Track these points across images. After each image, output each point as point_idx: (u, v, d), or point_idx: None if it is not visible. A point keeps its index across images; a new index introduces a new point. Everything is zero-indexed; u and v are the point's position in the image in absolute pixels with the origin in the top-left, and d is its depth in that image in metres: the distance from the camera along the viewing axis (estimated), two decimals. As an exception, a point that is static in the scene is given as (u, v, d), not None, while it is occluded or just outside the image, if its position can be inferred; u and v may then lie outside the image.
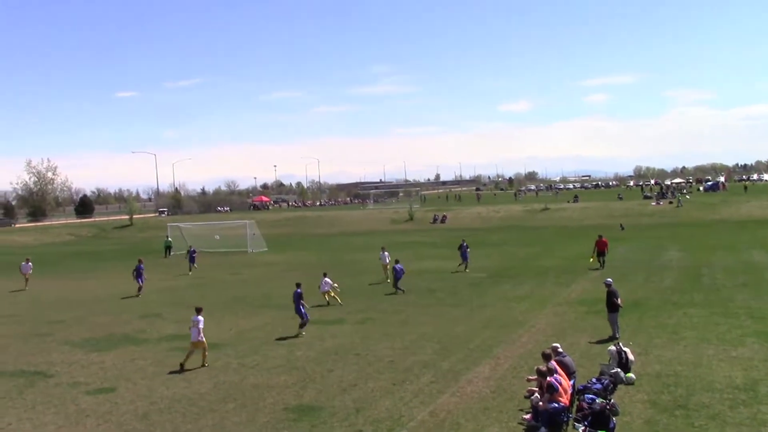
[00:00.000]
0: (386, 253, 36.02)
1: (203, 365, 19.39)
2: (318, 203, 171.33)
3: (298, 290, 23.60)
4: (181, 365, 19.20)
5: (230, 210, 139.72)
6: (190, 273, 42.66)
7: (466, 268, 37.79)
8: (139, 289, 33.94)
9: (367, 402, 15.54)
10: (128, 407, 16.03)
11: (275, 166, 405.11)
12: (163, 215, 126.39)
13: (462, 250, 38.43)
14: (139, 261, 35.03)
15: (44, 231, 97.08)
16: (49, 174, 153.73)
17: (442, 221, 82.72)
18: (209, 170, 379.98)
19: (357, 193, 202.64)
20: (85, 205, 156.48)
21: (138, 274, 34.03)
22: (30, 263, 39.68)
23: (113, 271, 47.11)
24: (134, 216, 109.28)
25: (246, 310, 28.50)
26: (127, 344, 23.05)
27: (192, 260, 44.21)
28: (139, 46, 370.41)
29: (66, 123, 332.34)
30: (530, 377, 14.93)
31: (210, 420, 14.84)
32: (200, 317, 19.72)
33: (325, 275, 29.38)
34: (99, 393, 17.34)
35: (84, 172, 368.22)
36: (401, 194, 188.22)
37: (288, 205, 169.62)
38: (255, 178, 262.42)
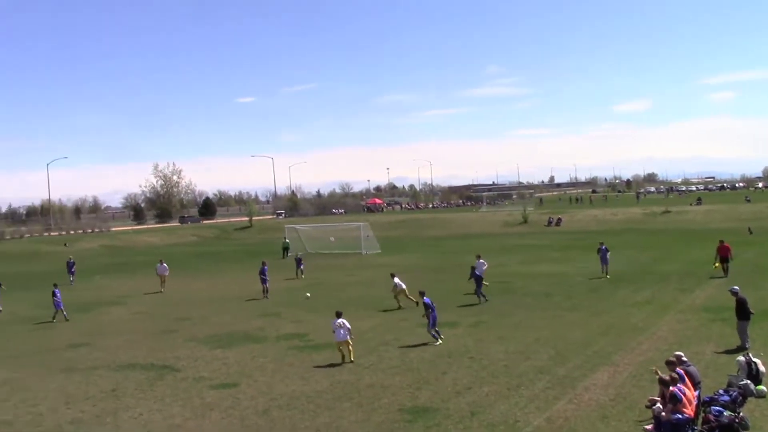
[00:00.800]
0: (482, 261, 33.47)
1: (350, 361, 20.02)
2: (430, 205, 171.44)
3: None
4: (343, 358, 20.14)
5: (344, 212, 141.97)
6: (301, 277, 42.90)
7: (606, 273, 35.88)
8: (265, 291, 34.79)
9: (482, 406, 15.47)
10: (249, 402, 16.65)
11: (388, 168, 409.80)
12: (281, 217, 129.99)
13: (601, 253, 36.87)
14: (263, 263, 35.91)
15: (170, 232, 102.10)
16: (175, 177, 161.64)
17: (557, 224, 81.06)
18: (324, 173, 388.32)
19: (469, 195, 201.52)
20: (207, 207, 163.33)
21: (263, 275, 34.91)
22: (165, 265, 40.62)
23: (234, 271, 49.01)
24: (253, 218, 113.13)
25: (360, 311, 28.96)
26: (248, 342, 23.92)
27: (299, 265, 44.17)
28: (258, 53, 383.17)
29: (190, 129, 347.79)
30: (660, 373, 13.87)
31: (327, 417, 15.19)
32: (342, 320, 20.17)
33: (393, 276, 30.01)
34: (222, 388, 18.10)
35: (206, 175, 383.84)
36: (515, 196, 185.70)
37: (401, 207, 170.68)
38: (368, 180, 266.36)
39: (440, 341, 22.00)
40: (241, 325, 27.31)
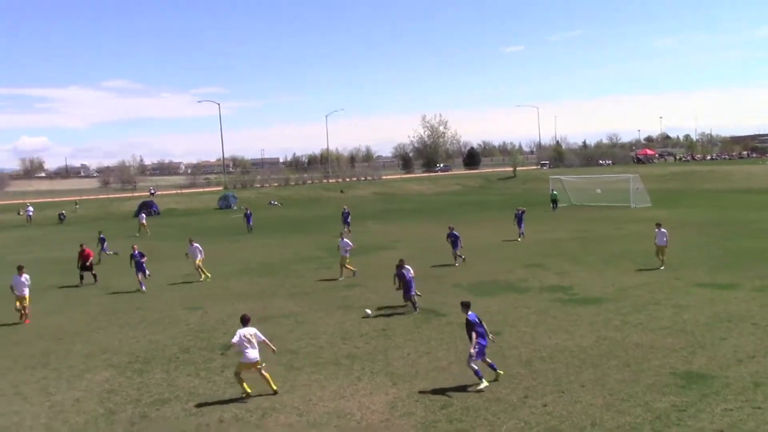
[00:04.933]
0: (663, 230, 27.30)
1: None
2: (708, 157, 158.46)
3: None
4: None
5: (612, 163, 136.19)
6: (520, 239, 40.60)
7: None
8: (520, 234, 36.81)
9: (768, 377, 14.05)
10: (512, 352, 16.69)
11: (660, 117, 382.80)
12: (545, 168, 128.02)
13: None
14: (519, 210, 37.49)
15: (435, 181, 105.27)
16: (441, 128, 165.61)
17: None
18: (590, 123, 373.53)
19: (755, 146, 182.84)
20: (472, 157, 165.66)
21: (519, 220, 37.39)
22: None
23: (497, 221, 49.31)
24: (517, 168, 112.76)
25: (627, 266, 27.68)
26: (510, 292, 23.98)
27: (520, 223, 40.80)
28: (524, 0, 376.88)
29: (456, 80, 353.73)
30: None
31: (591, 374, 14.76)
32: None
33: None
34: (485, 335, 18.34)
35: (471, 126, 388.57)
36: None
37: (675, 158, 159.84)
38: (638, 130, 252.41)
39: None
40: (504, 274, 27.44)
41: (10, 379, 16.35)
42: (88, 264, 29.76)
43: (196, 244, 29.72)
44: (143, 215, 59.47)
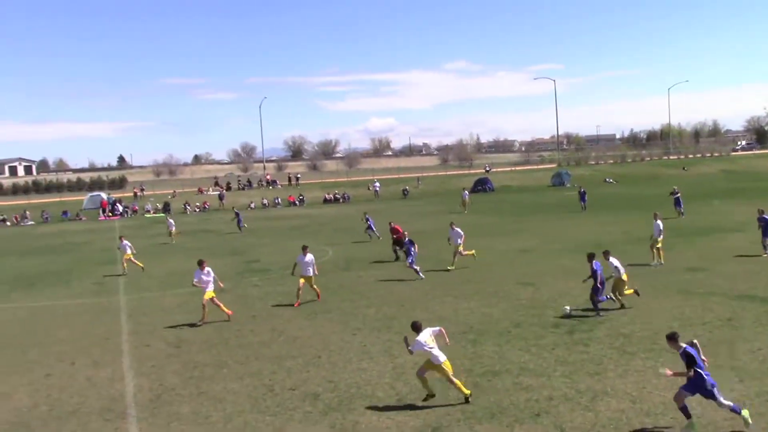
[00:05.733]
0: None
1: None
2: None
3: None
4: None
5: None
6: None
7: None
8: None
9: None
10: None
11: None
12: None
13: None
14: None
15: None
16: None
17: None
18: None
19: None
20: None
21: None
22: None
23: None
24: None
25: None
26: None
27: None
28: None
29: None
30: None
31: None
32: None
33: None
34: None
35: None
36: None
37: None
38: None
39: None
40: None
41: (360, 339, 18.06)
42: (395, 238, 30.75)
43: (456, 228, 28.45)
44: (466, 192, 60.46)
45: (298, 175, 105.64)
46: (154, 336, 19.66)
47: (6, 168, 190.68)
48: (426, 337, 13.12)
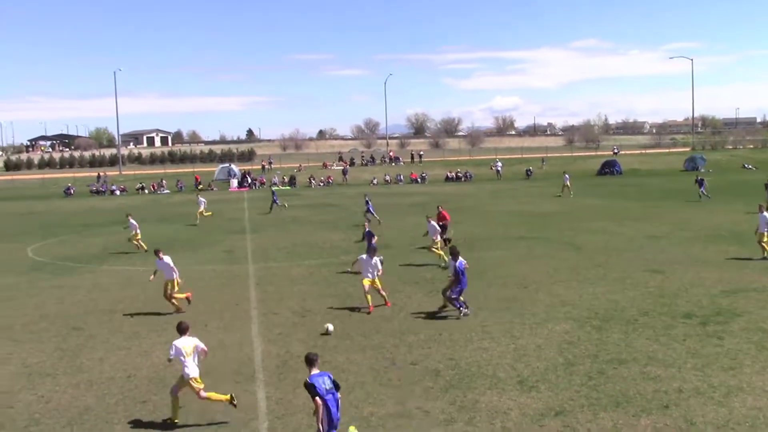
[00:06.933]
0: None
1: None
2: None
3: None
4: None
5: None
6: None
7: None
8: None
9: None
10: None
11: None
12: None
13: None
14: None
15: None
16: None
17: None
18: None
19: None
20: None
21: None
22: None
23: None
24: None
25: None
26: None
27: None
28: None
29: None
30: None
31: None
32: None
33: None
34: None
35: None
36: None
37: None
38: None
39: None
40: None
41: (481, 318, 17.98)
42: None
43: (433, 223, 26.55)
44: (567, 176, 57.42)
45: (421, 153, 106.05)
46: (280, 305, 20.34)
47: (144, 138, 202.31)
48: (187, 344, 11.87)
